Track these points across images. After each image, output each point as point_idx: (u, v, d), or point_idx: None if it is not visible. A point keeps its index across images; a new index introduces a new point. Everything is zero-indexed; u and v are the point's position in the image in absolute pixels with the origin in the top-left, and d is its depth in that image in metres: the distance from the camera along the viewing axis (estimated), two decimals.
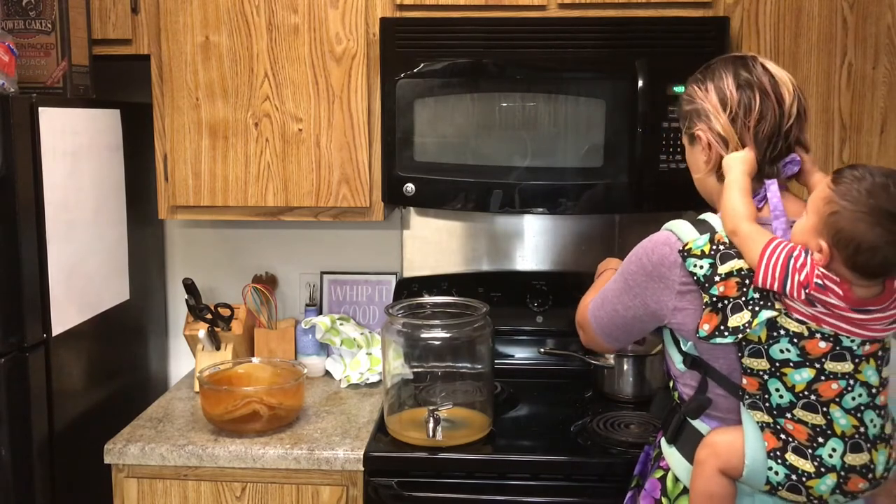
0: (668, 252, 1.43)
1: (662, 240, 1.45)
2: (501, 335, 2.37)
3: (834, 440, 1.35)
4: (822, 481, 1.34)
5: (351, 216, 2.21)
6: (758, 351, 1.35)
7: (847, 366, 1.33)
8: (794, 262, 1.30)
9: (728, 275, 1.35)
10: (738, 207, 1.39)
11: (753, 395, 1.38)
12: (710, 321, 1.36)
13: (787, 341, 1.33)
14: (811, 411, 1.35)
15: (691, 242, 1.40)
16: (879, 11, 2.03)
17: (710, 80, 1.50)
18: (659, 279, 1.44)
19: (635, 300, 1.49)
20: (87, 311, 2.09)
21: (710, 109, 1.48)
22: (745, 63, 1.49)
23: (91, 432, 2.04)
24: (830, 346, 1.32)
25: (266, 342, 2.42)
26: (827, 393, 1.34)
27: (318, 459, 1.91)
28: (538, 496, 1.85)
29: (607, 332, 1.60)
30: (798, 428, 1.35)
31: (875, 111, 2.07)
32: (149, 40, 2.17)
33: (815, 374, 1.34)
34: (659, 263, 1.44)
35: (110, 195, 2.21)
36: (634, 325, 1.53)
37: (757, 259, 1.33)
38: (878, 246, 1.26)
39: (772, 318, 1.32)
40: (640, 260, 1.48)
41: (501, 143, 2.06)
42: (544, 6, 2.09)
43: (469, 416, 2.00)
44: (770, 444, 1.36)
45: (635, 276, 1.48)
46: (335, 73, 2.13)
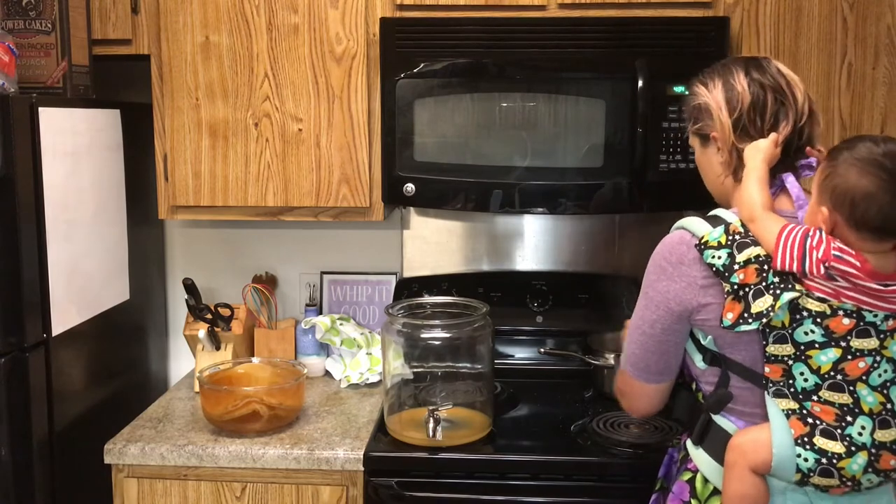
0: (685, 250, 1.43)
1: (677, 240, 1.46)
2: (501, 335, 2.37)
3: (862, 418, 1.34)
4: (853, 461, 1.33)
5: (351, 216, 2.21)
6: (782, 336, 1.35)
7: (873, 342, 1.33)
8: (810, 241, 1.32)
9: (746, 262, 1.36)
10: (755, 195, 1.40)
11: (777, 382, 1.37)
12: (734, 309, 1.36)
13: (810, 322, 1.33)
14: (838, 391, 1.35)
15: (707, 235, 1.40)
16: (879, 11, 2.03)
17: (720, 77, 1.51)
18: (680, 278, 1.43)
19: (659, 310, 1.46)
20: (87, 311, 2.09)
21: (714, 106, 1.49)
22: (759, 64, 1.50)
23: (91, 432, 2.04)
24: (854, 322, 1.33)
25: (266, 342, 2.42)
26: (854, 372, 1.34)
27: (318, 459, 1.91)
28: (538, 496, 1.85)
29: (643, 368, 1.52)
30: (825, 409, 1.35)
31: (875, 111, 2.07)
32: (149, 40, 2.18)
33: (841, 354, 1.33)
34: (679, 263, 1.43)
35: (110, 195, 2.21)
36: (667, 342, 1.48)
37: (773, 243, 1.34)
38: (872, 193, 1.29)
39: (794, 300, 1.32)
40: (658, 265, 1.47)
41: (501, 143, 2.06)
42: (544, 6, 2.09)
43: (469, 416, 2.00)
44: (797, 430, 1.35)
45: (655, 285, 1.46)
46: (335, 73, 2.13)
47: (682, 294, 1.43)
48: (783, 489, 1.40)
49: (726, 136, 1.49)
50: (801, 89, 1.48)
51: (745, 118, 1.47)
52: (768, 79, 1.47)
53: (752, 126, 1.47)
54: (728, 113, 1.48)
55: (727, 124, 1.48)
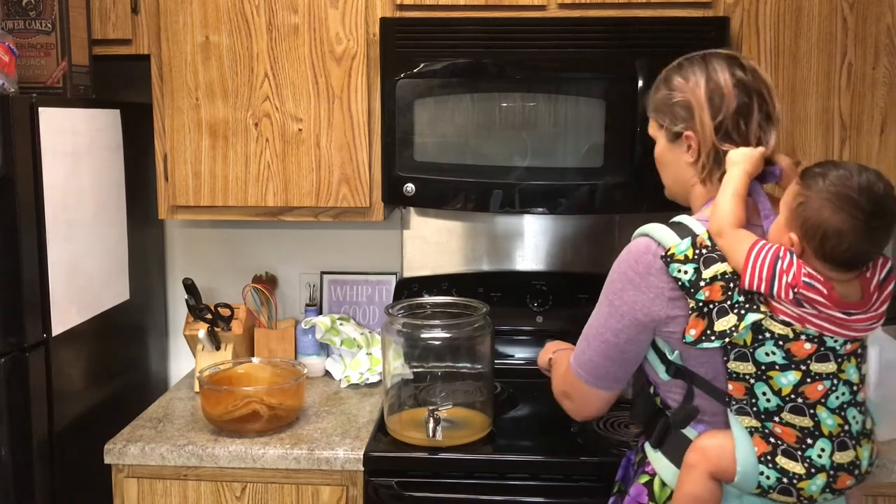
0: (651, 260, 1.39)
1: (643, 248, 1.41)
2: (501, 335, 2.37)
3: (822, 440, 1.35)
4: (812, 482, 1.35)
5: (351, 216, 2.21)
6: (743, 354, 1.34)
7: (831, 366, 1.34)
8: (780, 264, 1.30)
9: (713, 279, 1.34)
10: (727, 210, 1.36)
11: (740, 400, 1.37)
12: (697, 326, 1.35)
13: (772, 344, 1.33)
14: (798, 414, 1.35)
15: (674, 247, 1.37)
16: (879, 11, 2.03)
17: (702, 72, 1.44)
18: (648, 289, 1.39)
19: (624, 319, 1.42)
20: (87, 311, 2.09)
21: (695, 105, 1.43)
22: (740, 62, 1.44)
23: (91, 432, 2.04)
24: (815, 347, 1.33)
25: (266, 342, 2.42)
26: (813, 395, 1.34)
27: (318, 459, 1.91)
28: (538, 496, 1.85)
29: (601, 376, 1.49)
30: (786, 431, 1.35)
31: (875, 111, 2.07)
32: (149, 40, 2.18)
33: (800, 377, 1.33)
34: (646, 273, 1.39)
35: (110, 195, 2.21)
36: (629, 351, 1.46)
37: (742, 261, 1.32)
38: (843, 231, 1.27)
39: (757, 321, 1.31)
40: (624, 274, 1.42)
41: (501, 143, 2.06)
42: (544, 6, 2.09)
43: (469, 416, 2.00)
44: (759, 448, 1.36)
45: (621, 294, 1.42)
46: (335, 73, 2.13)
47: (649, 305, 1.40)
48: (739, 494, 1.41)
49: (706, 138, 1.43)
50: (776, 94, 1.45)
51: (728, 122, 1.41)
52: (752, 82, 1.42)
53: (735, 131, 1.42)
54: (711, 114, 1.42)
55: (709, 126, 1.42)
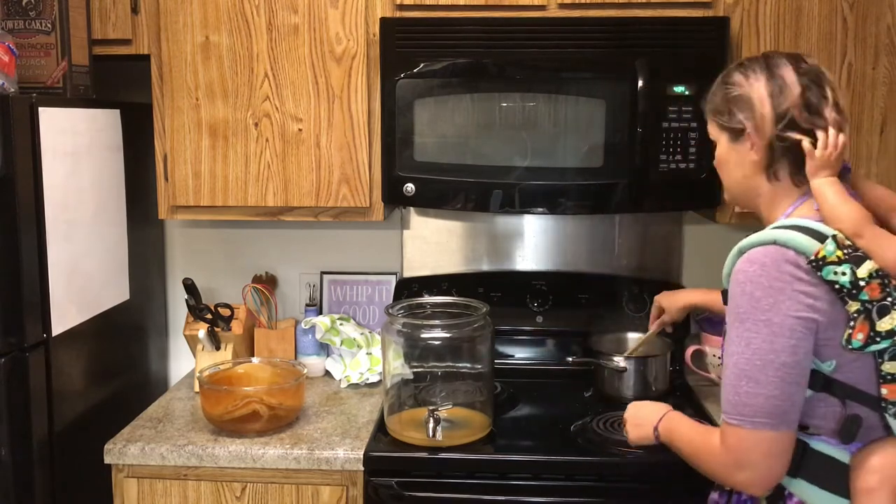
0: (792, 269, 1.32)
1: (779, 257, 1.33)
2: (501, 335, 2.37)
3: None
4: None
5: (351, 216, 2.21)
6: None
7: None
8: None
9: (870, 277, 1.30)
10: (851, 210, 1.34)
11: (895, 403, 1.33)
12: (864, 329, 1.30)
13: None
14: None
15: (822, 250, 1.31)
16: (879, 11, 2.03)
17: (763, 69, 1.42)
18: (805, 297, 1.32)
19: (794, 332, 1.31)
20: (87, 311, 2.09)
21: (755, 98, 1.41)
22: (803, 59, 1.43)
23: (91, 432, 2.04)
24: None
25: (266, 342, 2.42)
26: None
27: (318, 459, 1.91)
28: (538, 496, 1.85)
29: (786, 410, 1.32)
30: None
31: (875, 111, 2.06)
32: (149, 40, 2.17)
33: None
34: (794, 280, 1.31)
35: (110, 195, 2.21)
36: (807, 368, 1.33)
37: (891, 256, 1.29)
38: None
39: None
40: (768, 287, 1.32)
41: (501, 143, 2.06)
42: (544, 6, 2.08)
43: (469, 416, 2.00)
44: None
45: (776, 308, 1.31)
46: (335, 73, 2.13)
47: (809, 312, 1.31)
48: None
49: (766, 130, 1.41)
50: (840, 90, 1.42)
51: (794, 111, 1.39)
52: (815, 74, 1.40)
53: (804, 121, 1.39)
54: (772, 105, 1.40)
55: (769, 117, 1.40)
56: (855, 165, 2.07)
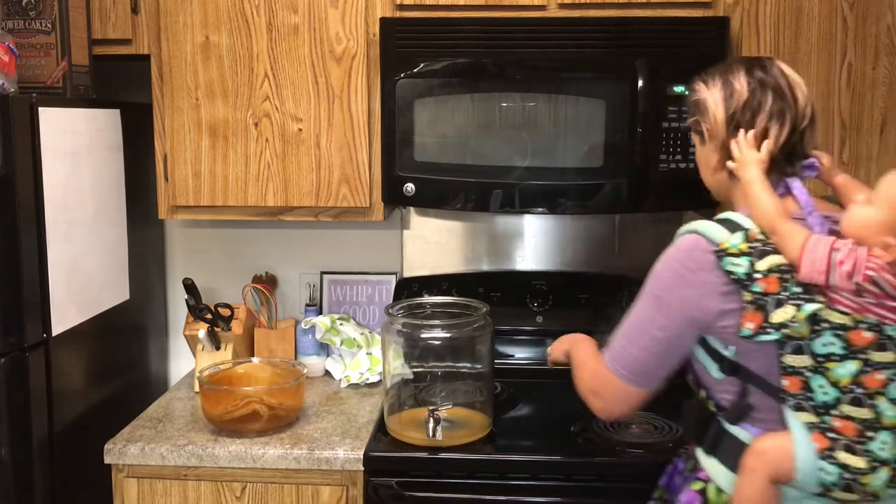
0: (702, 256, 1.40)
1: (692, 244, 1.43)
2: (501, 335, 2.37)
3: (883, 433, 1.34)
4: (875, 476, 1.33)
5: (351, 216, 2.21)
6: (799, 347, 1.34)
7: (890, 355, 1.33)
8: (836, 255, 1.30)
9: (769, 271, 1.35)
10: (768, 204, 1.39)
11: (796, 395, 1.36)
12: (754, 319, 1.34)
13: (830, 334, 1.32)
14: (857, 405, 1.34)
15: (726, 242, 1.38)
16: (879, 11, 2.03)
17: (721, 75, 1.50)
18: (701, 285, 1.40)
19: (674, 315, 1.43)
20: (87, 311, 2.09)
21: (710, 102, 1.50)
22: (762, 63, 1.49)
23: (91, 432, 2.04)
24: (875, 336, 1.32)
25: (266, 342, 2.42)
26: (872, 384, 1.33)
27: (318, 459, 1.91)
28: (538, 496, 1.85)
29: (642, 372, 1.48)
30: (846, 424, 1.34)
31: (875, 111, 2.07)
32: (149, 40, 2.18)
33: (860, 367, 1.33)
34: (698, 269, 1.40)
35: (110, 195, 2.21)
36: (674, 346, 1.46)
37: (797, 254, 1.32)
38: None
39: (816, 312, 1.31)
40: (675, 271, 1.44)
41: (501, 143, 2.06)
42: (544, 6, 2.09)
43: (469, 416, 2.00)
44: (820, 444, 1.34)
45: (671, 290, 1.43)
46: (335, 73, 2.13)
47: (702, 301, 1.40)
48: (799, 497, 1.39)
49: (718, 131, 1.49)
50: (804, 91, 1.47)
51: (738, 115, 1.46)
52: (770, 78, 1.46)
53: (746, 124, 1.46)
54: (723, 109, 1.48)
55: (721, 120, 1.48)
56: (855, 165, 2.08)
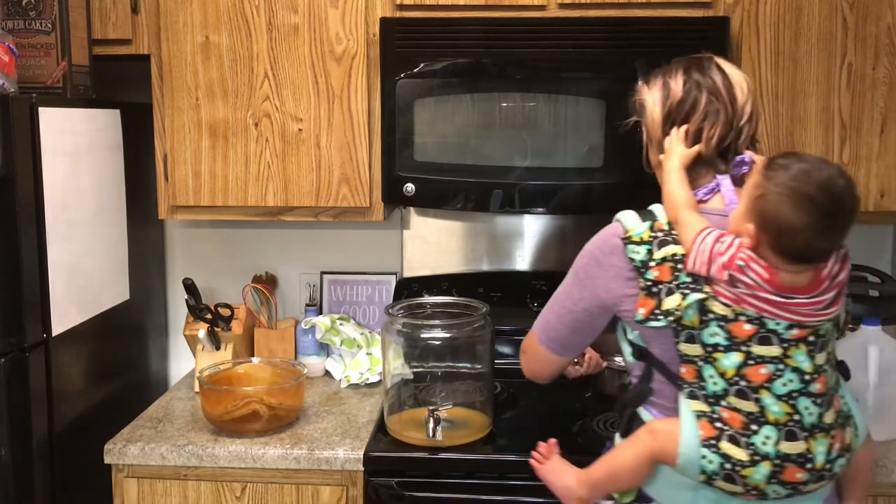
0: (614, 241, 1.47)
1: (611, 231, 1.50)
2: (501, 335, 2.37)
3: (767, 427, 1.35)
4: (756, 470, 1.34)
5: (351, 216, 2.21)
6: (691, 336, 1.38)
7: (774, 350, 1.34)
8: (718, 247, 1.34)
9: (663, 259, 1.40)
10: (677, 195, 1.44)
11: (692, 383, 1.39)
12: (646, 305, 1.40)
13: (715, 325, 1.36)
14: (743, 398, 1.36)
15: (632, 230, 1.45)
16: (879, 11, 2.03)
17: (661, 76, 1.54)
18: (609, 267, 1.47)
19: (585, 291, 1.51)
20: (87, 311, 2.09)
21: (649, 103, 1.54)
22: (700, 63, 1.52)
23: (91, 432, 2.04)
24: (755, 328, 1.34)
25: (266, 342, 2.42)
26: (756, 378, 1.35)
27: (318, 459, 1.91)
28: (538, 496, 1.85)
29: (552, 338, 1.59)
30: (733, 416, 1.36)
31: (875, 111, 2.06)
32: (149, 40, 2.18)
33: (743, 359, 1.35)
34: (610, 253, 1.47)
35: (110, 195, 2.21)
36: (584, 322, 1.54)
37: (689, 245, 1.37)
38: (797, 228, 1.28)
39: (701, 301, 1.35)
40: (591, 253, 1.52)
41: (501, 143, 2.06)
42: (544, 6, 2.09)
43: (469, 416, 2.00)
44: (705, 432, 1.37)
45: (586, 269, 1.52)
46: (335, 73, 2.13)
47: (609, 283, 1.47)
48: (694, 485, 1.41)
49: (656, 131, 1.53)
50: (744, 89, 1.49)
51: (673, 114, 1.50)
52: (707, 79, 1.49)
53: (681, 123, 1.49)
54: (660, 109, 1.51)
55: (657, 120, 1.52)
56: (855, 165, 2.07)
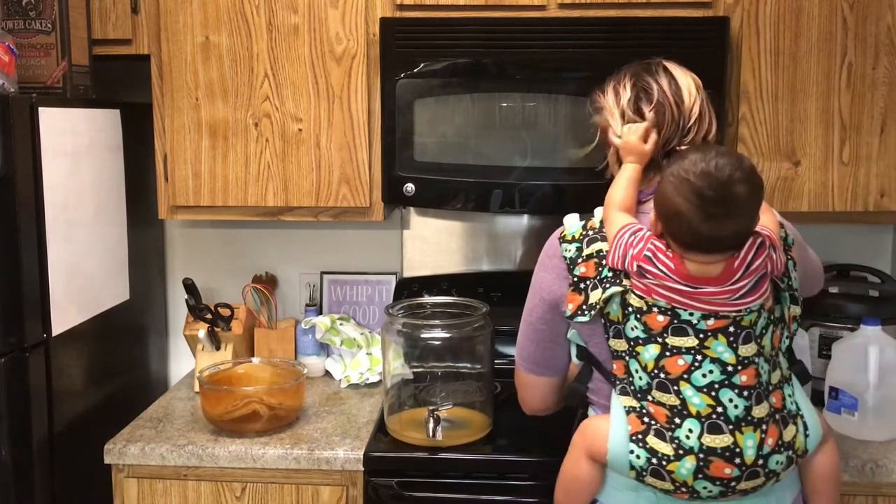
0: (555, 242, 1.52)
1: (555, 234, 1.53)
2: (501, 335, 2.36)
3: (690, 420, 1.35)
4: (681, 464, 1.34)
5: (351, 216, 2.21)
6: (618, 331, 1.40)
7: (690, 340, 1.35)
8: (632, 239, 1.37)
9: (589, 256, 1.43)
10: (616, 195, 1.46)
11: (622, 379, 1.41)
12: (574, 301, 1.43)
13: (634, 318, 1.38)
14: (664, 391, 1.37)
15: (567, 229, 1.49)
16: (879, 11, 2.03)
17: (611, 82, 1.58)
18: (552, 269, 1.50)
19: (535, 298, 1.53)
20: (87, 311, 2.09)
21: (606, 109, 1.56)
22: (649, 68, 1.55)
23: (91, 432, 2.04)
24: (668, 319, 1.35)
25: (266, 342, 2.42)
26: (674, 370, 1.36)
27: (318, 459, 1.91)
28: (538, 496, 1.85)
29: (526, 357, 1.59)
30: (658, 410, 1.37)
31: (875, 111, 2.06)
32: (149, 40, 2.18)
33: (660, 350, 1.36)
34: (552, 255, 1.51)
35: (110, 195, 2.21)
36: (544, 331, 1.54)
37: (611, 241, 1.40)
38: (681, 213, 1.30)
39: (620, 295, 1.37)
40: (540, 258, 1.55)
41: (501, 143, 2.06)
42: (544, 6, 2.09)
43: (469, 416, 2.00)
44: (633, 427, 1.38)
45: (535, 275, 1.54)
46: (335, 73, 2.13)
47: (551, 284, 1.50)
48: (635, 486, 1.42)
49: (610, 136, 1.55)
50: (692, 91, 1.51)
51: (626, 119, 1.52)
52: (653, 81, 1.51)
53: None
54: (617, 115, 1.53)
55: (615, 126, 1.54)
56: (855, 165, 2.07)
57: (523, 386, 1.63)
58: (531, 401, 1.65)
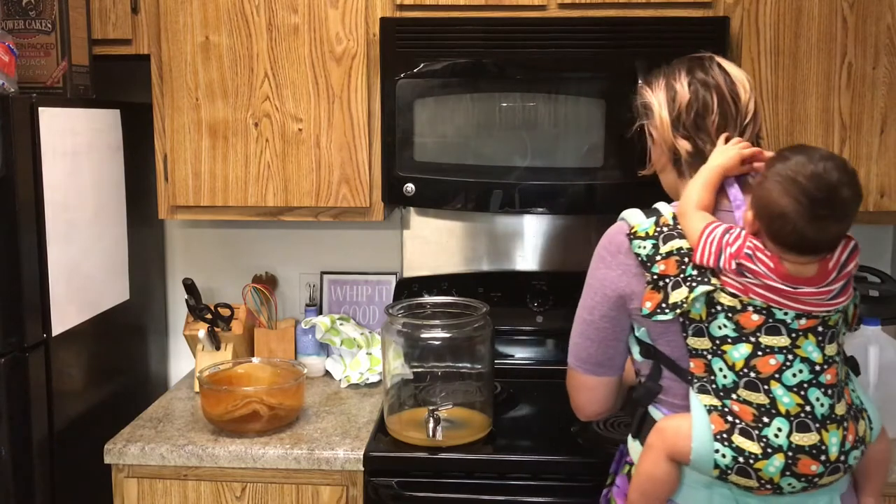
0: (621, 240, 1.48)
1: (616, 230, 1.50)
2: (501, 335, 2.37)
3: (779, 419, 1.35)
4: (769, 462, 1.34)
5: (351, 216, 2.21)
6: (699, 329, 1.38)
7: (783, 340, 1.35)
8: (727, 238, 1.35)
9: (669, 254, 1.40)
10: (693, 194, 1.43)
11: (701, 377, 1.39)
12: (652, 299, 1.40)
13: (723, 317, 1.36)
14: (753, 390, 1.36)
15: (637, 226, 1.45)
16: (879, 11, 2.03)
17: (664, 77, 1.54)
18: (617, 266, 1.47)
19: (597, 296, 1.50)
20: (87, 311, 2.09)
21: (655, 105, 1.53)
22: (702, 63, 1.52)
23: (91, 432, 2.04)
24: (763, 318, 1.34)
25: (266, 342, 2.42)
26: (765, 369, 1.35)
27: (318, 459, 1.91)
28: (538, 496, 1.85)
29: (584, 359, 1.54)
30: (743, 409, 1.36)
31: (875, 111, 2.06)
32: (149, 40, 2.18)
33: (751, 350, 1.35)
34: (616, 252, 1.48)
35: (110, 195, 2.21)
36: (606, 329, 1.50)
37: (696, 238, 1.37)
38: (787, 214, 1.29)
39: (708, 293, 1.35)
40: (599, 255, 1.52)
41: (501, 143, 2.06)
42: (544, 6, 2.09)
43: (469, 416, 2.00)
44: (717, 426, 1.36)
45: (595, 273, 1.51)
46: (335, 73, 2.13)
47: (616, 281, 1.47)
48: (709, 483, 1.41)
49: (665, 133, 1.52)
50: (746, 87, 1.50)
51: (683, 116, 1.49)
52: (710, 78, 1.49)
53: (692, 128, 1.49)
54: (668, 112, 1.51)
55: (666, 122, 1.51)
56: (855, 165, 2.07)
57: (581, 389, 1.57)
58: (588, 405, 1.59)
